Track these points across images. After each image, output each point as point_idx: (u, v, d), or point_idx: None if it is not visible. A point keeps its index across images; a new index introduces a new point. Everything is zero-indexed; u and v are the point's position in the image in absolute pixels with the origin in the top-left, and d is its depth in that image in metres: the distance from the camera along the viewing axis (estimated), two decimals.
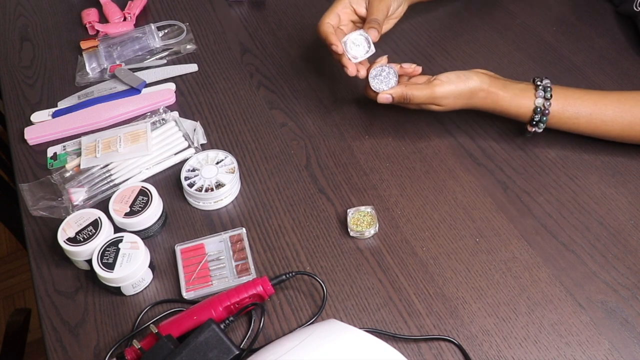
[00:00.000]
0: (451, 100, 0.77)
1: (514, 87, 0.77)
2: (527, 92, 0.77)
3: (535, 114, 0.76)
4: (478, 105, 0.79)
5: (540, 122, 0.77)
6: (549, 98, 0.75)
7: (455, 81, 0.76)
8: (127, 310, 0.71)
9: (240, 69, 0.98)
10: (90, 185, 0.82)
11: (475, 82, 0.76)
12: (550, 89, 0.76)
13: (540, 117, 0.76)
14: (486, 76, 0.78)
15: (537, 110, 0.76)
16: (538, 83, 0.77)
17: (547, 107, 0.75)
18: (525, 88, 0.77)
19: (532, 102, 0.76)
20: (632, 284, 0.68)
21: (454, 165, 0.81)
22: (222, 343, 0.62)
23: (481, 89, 0.76)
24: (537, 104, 0.76)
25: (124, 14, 1.07)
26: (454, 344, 0.65)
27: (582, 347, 0.64)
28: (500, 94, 0.77)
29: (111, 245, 0.71)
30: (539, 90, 0.76)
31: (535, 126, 0.78)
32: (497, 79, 0.78)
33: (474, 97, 0.77)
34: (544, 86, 0.76)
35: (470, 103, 0.78)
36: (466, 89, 0.76)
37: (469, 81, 0.76)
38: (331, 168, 0.82)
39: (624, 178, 0.78)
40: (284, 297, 0.70)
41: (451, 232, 0.74)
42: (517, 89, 0.77)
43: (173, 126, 0.87)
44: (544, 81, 0.77)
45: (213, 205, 0.79)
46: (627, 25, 0.96)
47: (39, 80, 0.99)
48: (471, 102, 0.78)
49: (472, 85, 0.76)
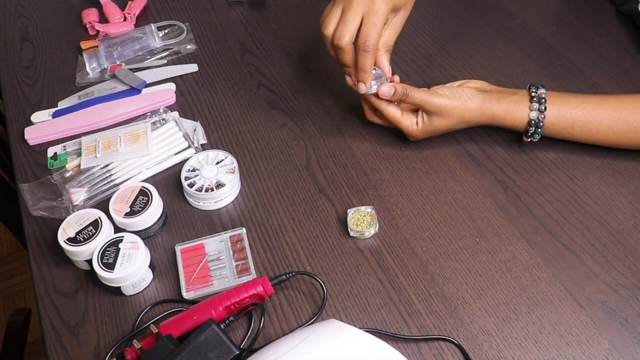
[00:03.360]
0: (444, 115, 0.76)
1: (507, 99, 0.76)
2: (521, 104, 0.76)
3: (530, 127, 0.76)
4: (472, 123, 0.78)
5: (535, 134, 0.77)
6: (543, 110, 0.75)
7: (449, 96, 0.76)
8: (127, 310, 0.71)
9: (240, 69, 0.98)
10: (90, 185, 0.82)
11: (467, 102, 0.76)
12: (544, 100, 0.75)
13: (534, 129, 0.76)
14: (479, 94, 0.77)
15: (532, 123, 0.76)
16: (533, 93, 0.76)
17: (541, 119, 0.75)
18: (519, 100, 0.76)
19: (526, 115, 0.76)
20: (632, 284, 0.68)
21: (454, 165, 0.81)
22: (222, 343, 0.62)
23: (474, 109, 0.76)
24: (532, 117, 0.75)
25: (124, 14, 1.07)
26: (454, 344, 0.65)
27: (582, 347, 0.64)
28: (494, 109, 0.76)
29: (111, 245, 0.71)
30: (534, 103, 0.75)
31: (530, 137, 0.78)
32: (489, 93, 0.77)
33: (466, 117, 0.77)
34: (538, 97, 0.75)
35: (463, 122, 0.77)
36: (459, 107, 0.76)
37: (462, 101, 0.76)
38: (331, 168, 0.82)
39: (624, 178, 0.78)
40: (284, 297, 0.70)
41: (451, 232, 0.74)
42: (511, 101, 0.76)
43: (173, 126, 0.87)
44: (539, 91, 0.76)
45: (213, 205, 0.79)
46: (628, 25, 0.96)
47: (39, 80, 0.99)
48: (464, 121, 0.77)
49: (465, 105, 0.76)
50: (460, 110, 0.76)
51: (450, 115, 0.77)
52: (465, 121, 0.78)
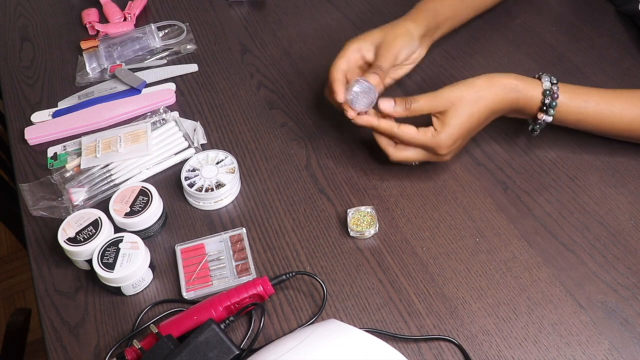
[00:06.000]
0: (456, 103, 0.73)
1: (514, 76, 0.75)
2: (531, 80, 0.75)
3: (545, 97, 0.74)
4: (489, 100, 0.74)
5: (550, 108, 0.74)
6: (556, 83, 0.74)
7: (452, 85, 0.74)
8: (127, 310, 0.71)
9: (240, 69, 0.98)
10: (90, 185, 0.82)
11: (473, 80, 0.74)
12: (555, 78, 0.75)
13: (550, 100, 0.74)
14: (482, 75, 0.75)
15: (546, 93, 0.74)
16: (540, 75, 0.75)
17: (555, 91, 0.74)
18: (527, 79, 0.75)
19: (539, 86, 0.74)
20: (632, 284, 0.68)
21: (454, 165, 0.81)
22: (222, 343, 0.62)
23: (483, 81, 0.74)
24: (545, 87, 0.74)
25: (124, 14, 1.07)
26: (454, 344, 0.65)
27: (582, 347, 0.64)
28: (504, 80, 0.74)
29: (111, 245, 0.71)
30: (544, 77, 0.74)
31: (545, 112, 0.75)
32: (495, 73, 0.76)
33: (480, 93, 0.73)
34: (547, 76, 0.75)
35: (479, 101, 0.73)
36: (467, 86, 0.73)
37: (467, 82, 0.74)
38: (331, 168, 0.82)
39: (624, 178, 0.78)
40: (284, 297, 0.70)
41: (451, 232, 0.74)
42: (519, 78, 0.75)
43: (173, 126, 0.87)
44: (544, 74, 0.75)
45: (213, 205, 0.79)
46: (628, 25, 0.96)
47: (39, 80, 0.99)
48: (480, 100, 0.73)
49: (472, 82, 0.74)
50: (471, 91, 0.73)
51: (464, 100, 0.72)
52: (483, 100, 0.73)
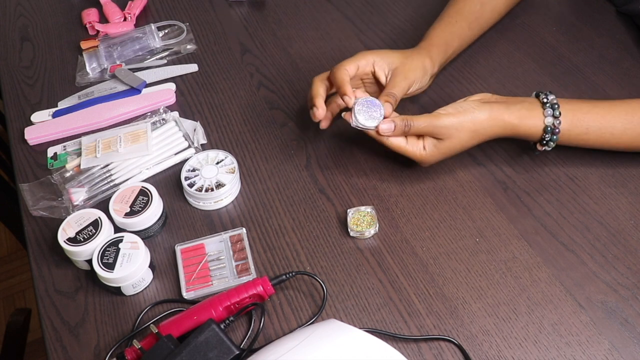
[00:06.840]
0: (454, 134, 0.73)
1: (517, 106, 0.74)
2: (533, 110, 0.74)
3: (546, 134, 0.73)
4: (485, 135, 0.74)
5: (550, 141, 0.74)
6: (558, 116, 0.73)
7: (454, 114, 0.73)
8: (127, 310, 0.71)
9: (240, 69, 0.98)
10: (90, 185, 0.82)
11: (475, 113, 0.73)
12: (557, 106, 0.73)
13: (550, 136, 0.74)
14: (485, 104, 0.74)
15: (548, 130, 0.73)
16: (544, 100, 0.74)
17: (557, 125, 0.73)
18: (530, 107, 0.74)
19: (541, 122, 0.73)
20: (632, 284, 0.68)
21: (454, 165, 0.81)
22: (222, 343, 0.62)
23: (484, 118, 0.73)
24: (547, 122, 0.73)
25: (124, 14, 1.07)
26: (454, 344, 0.65)
27: (582, 347, 0.64)
28: (506, 117, 0.73)
29: (111, 245, 0.71)
30: (547, 109, 0.73)
31: (545, 145, 0.75)
32: (496, 103, 0.75)
33: (478, 129, 0.73)
34: (551, 103, 0.73)
35: (475, 136, 0.74)
36: (468, 120, 0.73)
37: (469, 113, 0.73)
38: (331, 168, 0.82)
39: (624, 178, 0.78)
40: (284, 297, 0.70)
41: (451, 232, 0.74)
42: (523, 108, 0.74)
43: (173, 126, 0.87)
44: (549, 97, 0.74)
45: (213, 205, 0.79)
46: (628, 25, 0.96)
47: (39, 80, 0.99)
48: (477, 135, 0.74)
49: (473, 116, 0.73)
50: (469, 124, 0.73)
51: (461, 131, 0.73)
52: (478, 134, 0.74)
